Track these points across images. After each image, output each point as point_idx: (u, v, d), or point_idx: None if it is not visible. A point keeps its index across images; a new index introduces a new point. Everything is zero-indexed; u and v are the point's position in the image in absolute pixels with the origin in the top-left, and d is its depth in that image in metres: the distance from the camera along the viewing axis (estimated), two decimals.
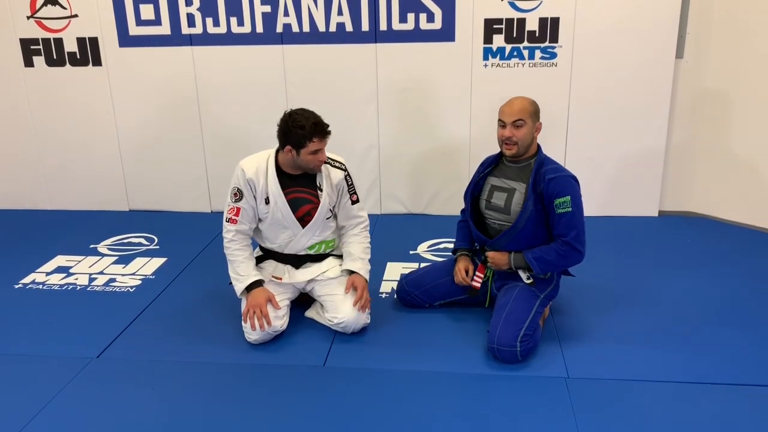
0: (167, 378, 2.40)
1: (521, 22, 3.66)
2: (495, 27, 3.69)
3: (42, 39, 3.98)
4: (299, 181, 2.63)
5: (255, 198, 2.61)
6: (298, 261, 2.74)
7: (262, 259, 2.79)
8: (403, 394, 2.26)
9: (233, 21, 3.82)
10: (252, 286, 2.60)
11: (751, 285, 3.05)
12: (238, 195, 2.60)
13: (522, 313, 2.48)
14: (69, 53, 3.99)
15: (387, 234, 3.67)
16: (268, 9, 3.78)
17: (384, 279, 3.17)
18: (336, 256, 2.81)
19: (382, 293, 3.03)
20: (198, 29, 3.85)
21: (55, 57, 4.01)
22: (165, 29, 3.87)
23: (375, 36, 3.77)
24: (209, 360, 2.51)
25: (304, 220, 2.65)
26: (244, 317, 2.58)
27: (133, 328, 2.76)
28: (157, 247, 3.66)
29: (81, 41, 3.96)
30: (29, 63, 4.04)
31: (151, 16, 3.85)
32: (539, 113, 2.56)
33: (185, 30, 3.86)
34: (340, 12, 3.74)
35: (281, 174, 2.61)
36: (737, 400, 2.21)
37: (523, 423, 2.11)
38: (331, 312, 2.64)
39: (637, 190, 3.97)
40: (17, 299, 3.06)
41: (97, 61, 3.98)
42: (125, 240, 3.78)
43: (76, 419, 2.17)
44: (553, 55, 3.71)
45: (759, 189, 3.72)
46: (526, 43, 3.70)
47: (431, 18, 3.70)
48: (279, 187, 2.58)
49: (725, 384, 2.29)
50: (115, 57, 3.97)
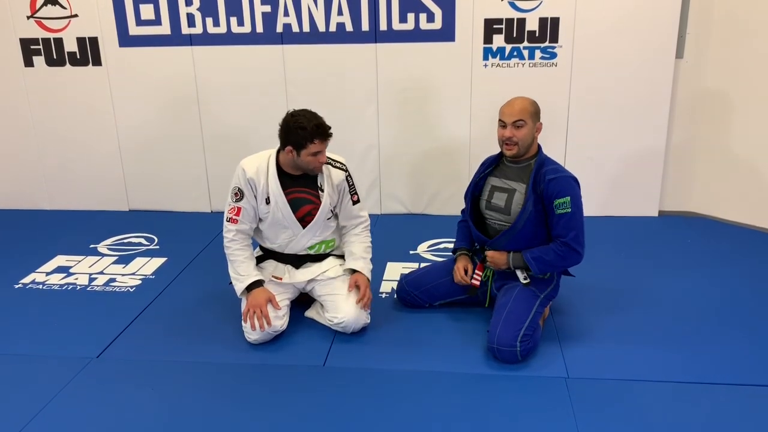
0: (167, 378, 2.40)
1: (521, 22, 3.66)
2: (495, 27, 3.69)
3: (42, 39, 3.98)
4: (300, 182, 2.63)
5: (256, 198, 2.61)
6: (298, 261, 2.74)
7: (262, 259, 2.79)
8: (403, 394, 2.27)
9: (233, 21, 3.82)
10: (252, 286, 2.60)
11: (751, 285, 3.05)
12: (238, 195, 2.60)
13: (522, 313, 2.48)
14: (69, 53, 3.99)
15: (387, 234, 3.67)
16: (268, 9, 3.78)
17: (384, 279, 3.17)
18: (336, 255, 2.81)
19: (382, 293, 3.03)
20: (198, 29, 3.85)
21: (55, 57, 4.01)
22: (165, 29, 3.87)
23: (375, 36, 3.77)
24: (209, 360, 2.51)
25: (304, 220, 2.65)
26: (244, 317, 2.58)
27: (133, 328, 2.76)
28: (157, 247, 3.66)
29: (81, 41, 3.96)
30: (29, 63, 4.04)
31: (151, 16, 3.85)
32: (540, 113, 2.56)
33: (185, 30, 3.86)
34: (340, 12, 3.74)
35: (282, 174, 2.61)
36: (737, 400, 2.21)
37: (523, 423, 2.11)
38: (331, 312, 2.64)
39: (637, 190, 3.97)
40: (17, 299, 3.06)
41: (97, 61, 3.99)
42: (125, 240, 3.78)
43: (76, 419, 2.17)
44: (553, 55, 3.71)
45: (759, 189, 3.72)
46: (526, 43, 3.70)
47: (431, 18, 3.70)
48: (279, 187, 2.58)
49: (725, 384, 2.29)
50: (115, 57, 3.97)
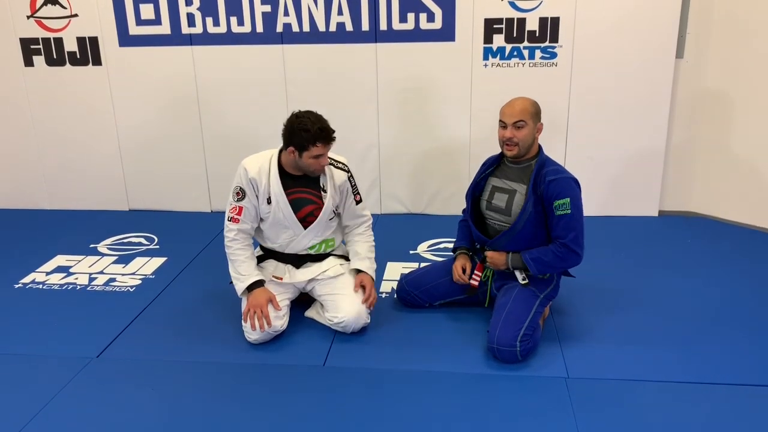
0: (167, 378, 2.40)
1: (521, 21, 3.66)
2: (495, 27, 3.68)
3: (42, 38, 3.98)
4: (302, 182, 2.62)
5: (257, 197, 2.60)
6: (298, 261, 2.74)
7: (262, 259, 2.79)
8: (403, 394, 2.27)
9: (233, 21, 3.82)
10: (253, 286, 2.60)
11: (751, 285, 3.05)
12: (240, 194, 2.60)
13: (522, 313, 2.48)
14: (69, 53, 3.99)
15: (387, 234, 3.67)
16: (268, 9, 3.78)
17: (384, 279, 3.18)
18: (336, 255, 2.81)
19: (382, 293, 3.03)
20: (198, 29, 3.85)
21: (55, 56, 4.00)
22: (165, 29, 3.87)
23: (375, 36, 3.77)
24: (209, 360, 2.51)
25: (306, 220, 2.64)
26: (244, 317, 2.58)
27: (133, 327, 2.76)
28: (157, 247, 3.66)
29: (81, 41, 3.95)
30: (29, 63, 4.03)
31: (151, 15, 3.85)
32: (540, 114, 2.55)
33: (185, 30, 3.86)
34: (340, 12, 3.74)
35: (284, 174, 2.61)
36: (737, 400, 2.21)
37: (523, 423, 2.11)
38: (332, 311, 2.64)
39: (637, 190, 3.97)
40: (17, 299, 3.06)
41: (97, 61, 3.98)
42: (125, 240, 3.78)
43: (76, 419, 2.17)
44: (554, 55, 3.71)
45: (759, 189, 3.72)
46: (526, 43, 3.70)
47: (431, 18, 3.70)
48: (281, 188, 2.58)
49: (725, 384, 2.29)
50: (115, 56, 3.96)
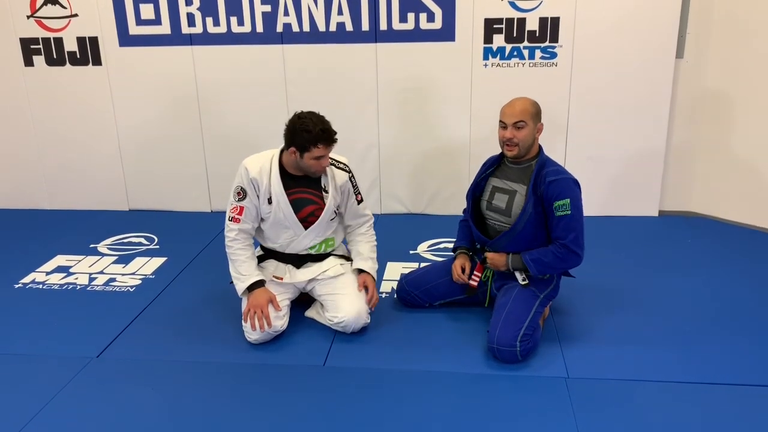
0: (167, 377, 2.40)
1: (521, 21, 3.66)
2: (495, 27, 3.68)
3: (42, 38, 3.97)
4: (303, 182, 2.62)
5: (258, 197, 2.60)
6: (299, 261, 2.74)
7: (262, 259, 2.78)
8: (403, 394, 2.27)
9: (233, 20, 3.82)
10: (253, 286, 2.60)
11: (751, 285, 3.05)
12: (241, 194, 2.60)
13: (522, 313, 2.48)
14: (69, 53, 3.99)
15: (387, 234, 3.66)
16: (268, 8, 3.78)
17: (384, 279, 3.18)
18: (337, 255, 2.81)
19: (382, 293, 3.03)
20: (198, 29, 3.85)
21: (55, 56, 4.00)
22: (165, 29, 3.87)
23: (375, 36, 3.77)
24: (209, 359, 2.51)
25: (307, 220, 2.64)
26: (244, 317, 2.58)
27: (133, 327, 2.76)
28: (157, 247, 3.66)
29: (81, 41, 3.95)
30: (29, 62, 4.03)
31: (151, 15, 3.84)
32: (541, 114, 2.55)
33: (185, 29, 3.86)
34: (340, 11, 3.74)
35: (285, 174, 2.61)
36: (737, 400, 2.21)
37: (523, 423, 2.11)
38: (332, 311, 2.64)
39: (637, 190, 3.97)
40: (17, 299, 3.06)
41: (97, 61, 3.98)
42: (125, 239, 3.78)
43: (76, 419, 2.17)
44: (554, 55, 3.71)
45: (759, 189, 3.72)
46: (526, 43, 3.70)
47: (431, 18, 3.70)
48: (282, 188, 2.58)
49: (725, 384, 2.29)
50: (115, 56, 3.96)
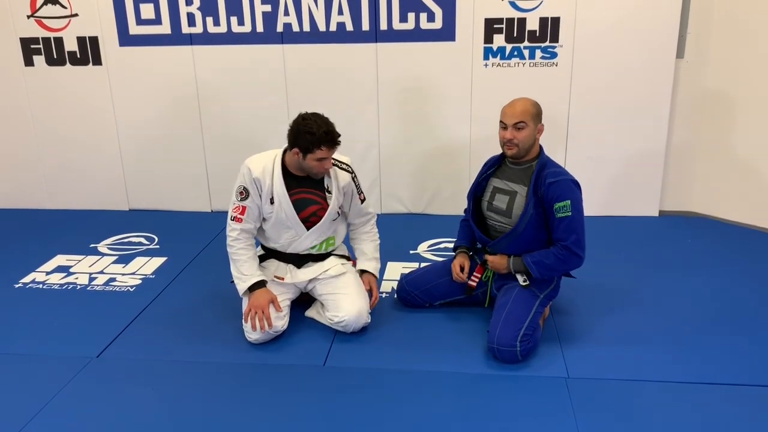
0: (167, 377, 2.40)
1: (522, 21, 3.66)
2: (495, 26, 3.68)
3: (42, 38, 3.97)
4: (305, 182, 2.62)
5: (260, 197, 2.60)
6: (300, 260, 2.74)
7: (263, 258, 2.78)
8: (403, 394, 2.27)
9: (233, 20, 3.82)
10: (255, 286, 2.60)
11: (752, 285, 3.05)
12: (244, 194, 2.60)
13: (522, 313, 2.48)
14: (69, 52, 3.99)
15: (387, 234, 3.65)
16: (268, 8, 3.78)
17: (384, 279, 3.18)
18: (337, 255, 2.81)
19: (382, 293, 3.03)
20: (198, 28, 3.85)
21: (56, 56, 4.00)
22: (165, 28, 3.87)
23: (375, 35, 3.77)
24: (209, 359, 2.51)
25: (309, 220, 2.64)
26: (245, 317, 2.58)
27: (133, 327, 2.76)
28: (157, 247, 3.66)
29: (81, 40, 3.95)
30: (29, 62, 4.03)
31: (152, 15, 3.84)
32: (541, 115, 2.54)
33: (185, 29, 3.86)
34: (340, 11, 3.73)
35: (287, 174, 2.61)
36: (737, 400, 2.21)
37: (523, 423, 2.11)
38: (332, 311, 2.64)
39: (638, 189, 3.96)
40: (17, 298, 3.06)
41: (98, 61, 3.98)
42: (125, 239, 3.78)
43: (76, 419, 2.17)
44: (554, 55, 3.70)
45: (759, 189, 3.72)
46: (526, 43, 3.70)
47: (431, 17, 3.70)
48: (284, 188, 2.57)
49: (725, 384, 2.29)
50: (116, 56, 3.96)
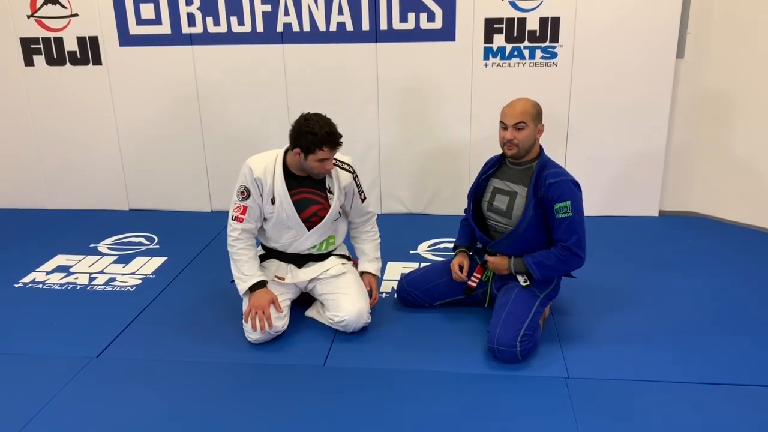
0: (167, 377, 2.40)
1: (522, 21, 3.66)
2: (495, 26, 3.68)
3: (42, 38, 3.97)
4: (307, 183, 2.62)
5: (262, 197, 2.60)
6: (300, 260, 2.74)
7: (264, 258, 2.78)
8: (403, 394, 2.27)
9: (233, 20, 3.82)
10: (255, 286, 2.60)
11: (752, 285, 3.05)
12: (245, 193, 2.59)
13: (522, 313, 2.48)
14: (69, 52, 3.98)
15: (387, 233, 3.65)
16: (268, 8, 3.78)
17: (384, 279, 3.17)
18: (338, 255, 2.81)
19: (382, 293, 3.03)
20: (198, 28, 3.85)
21: (56, 56, 4.00)
22: (165, 28, 3.87)
23: (375, 35, 3.77)
24: (209, 359, 2.51)
25: (310, 220, 2.64)
26: (245, 317, 2.58)
27: (133, 327, 2.76)
28: (158, 247, 3.66)
29: (81, 40, 3.95)
30: (29, 62, 4.03)
31: (152, 15, 3.84)
32: (542, 115, 2.54)
33: (185, 29, 3.86)
34: (340, 11, 3.73)
35: (288, 174, 2.60)
36: (737, 400, 2.21)
37: (523, 423, 2.11)
38: (333, 310, 2.64)
39: (638, 189, 3.96)
40: (17, 298, 3.06)
41: (98, 61, 3.98)
42: (125, 239, 3.78)
43: (76, 419, 2.17)
44: (554, 55, 3.70)
45: (759, 189, 3.72)
46: (526, 43, 3.70)
47: (432, 17, 3.70)
48: (285, 188, 2.57)
49: (725, 384, 2.29)
50: (116, 56, 3.96)
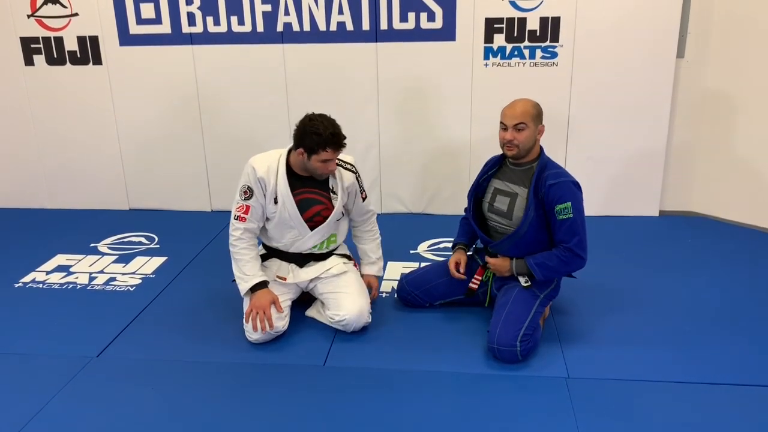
0: (167, 377, 2.40)
1: (522, 21, 3.66)
2: (496, 26, 3.68)
3: (42, 38, 3.97)
4: (310, 183, 2.62)
5: (265, 196, 2.60)
6: (302, 260, 2.74)
7: (265, 258, 2.78)
8: (403, 394, 2.27)
9: (234, 20, 3.82)
10: (256, 286, 2.60)
11: (752, 285, 3.05)
12: (248, 193, 2.59)
13: (522, 313, 2.48)
14: (69, 52, 3.98)
15: (387, 233, 3.65)
16: (268, 8, 3.78)
17: (384, 279, 3.17)
18: (339, 254, 2.82)
19: (382, 293, 3.03)
20: (198, 28, 3.85)
21: (56, 56, 4.00)
22: (165, 28, 3.87)
23: (375, 35, 3.77)
24: (209, 359, 2.51)
25: (313, 220, 2.64)
26: (246, 317, 2.58)
27: (133, 327, 2.76)
28: (158, 246, 3.66)
29: (81, 40, 3.95)
30: (29, 62, 4.03)
31: (152, 14, 3.84)
32: (542, 116, 2.54)
33: (186, 29, 3.86)
34: (340, 11, 3.73)
35: (291, 174, 2.60)
36: (737, 400, 2.21)
37: (523, 423, 2.11)
38: (333, 309, 2.64)
39: (638, 189, 3.96)
40: (17, 298, 3.06)
41: (98, 60, 3.98)
42: (125, 239, 3.78)
43: (76, 418, 2.17)
44: (554, 55, 3.70)
45: (759, 189, 3.72)
46: (526, 43, 3.69)
47: (432, 17, 3.70)
48: (288, 188, 2.57)
49: (725, 384, 2.29)
50: (116, 56, 3.96)
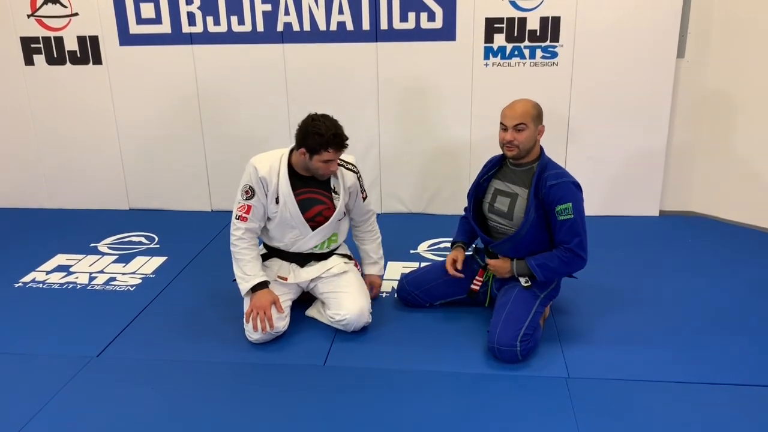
0: (167, 377, 2.40)
1: (522, 21, 3.66)
2: (496, 26, 3.68)
3: (42, 37, 3.97)
4: (311, 183, 2.62)
5: (266, 196, 2.60)
6: (303, 259, 2.74)
7: (266, 257, 2.78)
8: (404, 393, 2.27)
9: (234, 20, 3.82)
10: (257, 286, 2.59)
11: (752, 285, 3.05)
12: (249, 193, 2.59)
13: (522, 313, 2.48)
14: (69, 52, 3.98)
15: (387, 233, 3.64)
16: (268, 8, 3.78)
17: (384, 279, 3.16)
18: (339, 254, 2.82)
19: (382, 293, 3.03)
20: (198, 28, 3.85)
21: (56, 55, 4.00)
22: (165, 28, 3.87)
23: (376, 35, 3.77)
24: (209, 359, 2.51)
25: (314, 220, 2.64)
26: (246, 317, 2.58)
27: (134, 327, 2.76)
28: (158, 246, 3.66)
29: (81, 40, 3.95)
30: (29, 61, 4.03)
31: (152, 14, 3.84)
32: (542, 116, 2.54)
33: (186, 29, 3.86)
34: (340, 11, 3.73)
35: (293, 174, 2.60)
36: (737, 400, 2.21)
37: (524, 423, 2.11)
38: (334, 309, 2.64)
39: (638, 189, 3.96)
40: (17, 298, 3.06)
41: (98, 60, 3.98)
42: (125, 239, 3.78)
43: (76, 418, 2.17)
44: (554, 55, 3.70)
45: (759, 189, 3.71)
46: (527, 43, 3.69)
47: (432, 17, 3.70)
48: (290, 188, 2.57)
49: (725, 384, 2.29)
50: (116, 55, 3.96)
